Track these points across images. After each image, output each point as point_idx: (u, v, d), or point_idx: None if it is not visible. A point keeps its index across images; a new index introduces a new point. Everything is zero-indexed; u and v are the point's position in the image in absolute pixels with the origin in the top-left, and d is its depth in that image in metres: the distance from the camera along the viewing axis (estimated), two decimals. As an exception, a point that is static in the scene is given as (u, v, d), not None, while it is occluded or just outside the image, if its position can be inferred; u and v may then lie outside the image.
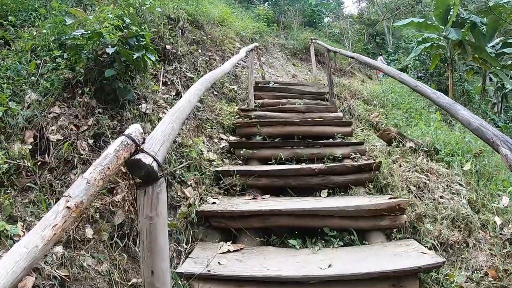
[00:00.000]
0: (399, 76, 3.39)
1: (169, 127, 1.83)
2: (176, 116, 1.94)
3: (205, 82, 2.85)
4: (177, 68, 5.68)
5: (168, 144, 1.71)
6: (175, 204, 3.29)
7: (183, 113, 2.03)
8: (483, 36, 12.04)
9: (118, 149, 1.42)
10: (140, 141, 1.54)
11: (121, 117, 3.56)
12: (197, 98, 2.43)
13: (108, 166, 1.30)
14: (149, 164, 1.47)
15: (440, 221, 3.62)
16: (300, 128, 5.18)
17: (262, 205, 3.18)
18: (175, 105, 2.15)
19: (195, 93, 2.43)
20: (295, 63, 13.34)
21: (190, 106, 2.20)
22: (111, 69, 3.48)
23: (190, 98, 2.26)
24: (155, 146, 1.60)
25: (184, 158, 3.76)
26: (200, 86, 2.68)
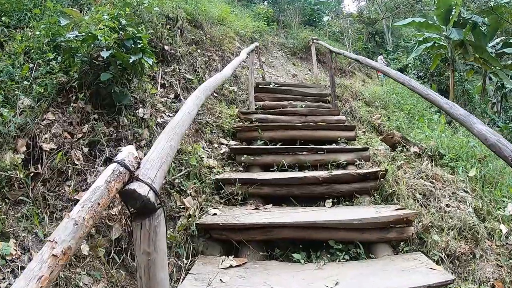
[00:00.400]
0: (408, 83, 3.26)
1: (166, 146, 1.68)
2: (174, 132, 1.80)
3: (205, 90, 2.70)
4: (176, 69, 5.54)
5: (165, 168, 1.56)
6: (174, 215, 3.17)
7: (182, 127, 1.89)
8: (484, 36, 11.93)
9: (110, 180, 1.26)
10: (134, 166, 1.39)
11: (118, 123, 3.43)
12: (197, 108, 2.30)
13: (98, 202, 1.15)
14: (145, 196, 1.32)
15: (447, 231, 3.54)
16: (302, 133, 5.05)
17: (265, 217, 3.06)
18: (172, 119, 2.00)
19: (194, 103, 2.29)
20: (295, 62, 13.21)
21: (190, 119, 2.06)
22: (107, 72, 3.34)
23: (189, 110, 2.12)
24: (151, 171, 1.44)
25: (183, 166, 3.63)
26: (199, 95, 2.53)
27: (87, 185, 2.85)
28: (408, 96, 9.54)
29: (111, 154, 3.13)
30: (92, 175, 2.92)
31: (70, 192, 2.69)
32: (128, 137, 3.38)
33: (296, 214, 3.21)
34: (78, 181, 2.85)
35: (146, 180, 1.34)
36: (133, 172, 1.36)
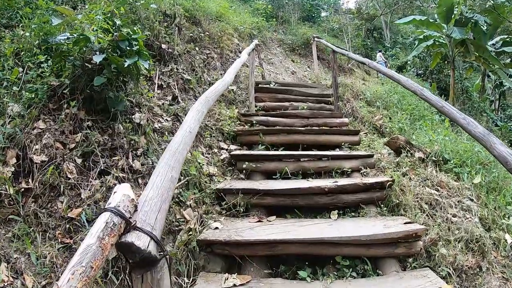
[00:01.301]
0: (421, 92, 3.11)
1: (166, 179, 1.48)
2: (175, 159, 1.62)
3: (206, 102, 2.53)
4: (173, 69, 5.36)
5: (166, 206, 1.38)
6: (173, 229, 3.02)
7: (183, 151, 1.72)
8: (484, 34, 11.83)
9: (103, 236, 1.07)
10: (131, 211, 1.21)
11: (113, 131, 3.26)
12: (199, 123, 2.13)
13: (91, 265, 0.97)
14: (145, 249, 1.14)
15: (454, 243, 3.44)
16: (305, 137, 4.91)
17: (269, 232, 2.91)
18: (171, 142, 1.82)
19: (195, 119, 2.11)
20: (294, 59, 13.03)
21: (191, 138, 1.89)
22: (100, 76, 3.16)
23: (191, 128, 1.95)
24: (151, 215, 1.25)
25: (182, 175, 3.47)
26: (200, 108, 2.36)
27: (81, 201, 2.69)
28: (410, 95, 9.40)
29: (106, 165, 2.97)
30: (86, 189, 2.76)
31: (63, 209, 2.53)
32: (123, 145, 3.22)
33: (301, 227, 3.06)
34: (71, 197, 2.69)
35: (145, 228, 1.16)
36: (130, 220, 1.18)
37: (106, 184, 2.84)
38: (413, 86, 3.31)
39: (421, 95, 3.09)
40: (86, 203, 2.70)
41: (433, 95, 3.01)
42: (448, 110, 2.69)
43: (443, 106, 2.76)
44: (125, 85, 3.71)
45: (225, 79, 3.31)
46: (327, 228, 3.04)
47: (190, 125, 2.01)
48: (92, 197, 2.74)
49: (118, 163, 3.07)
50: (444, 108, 2.74)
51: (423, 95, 3.08)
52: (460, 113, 2.64)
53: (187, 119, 2.11)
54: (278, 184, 3.66)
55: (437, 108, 2.86)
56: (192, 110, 2.27)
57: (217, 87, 2.96)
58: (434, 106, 2.95)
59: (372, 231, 2.91)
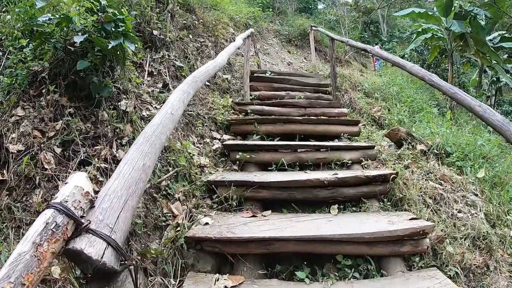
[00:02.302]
0: (429, 78, 2.86)
1: (137, 168, 1.20)
2: (150, 143, 1.34)
3: (194, 82, 2.25)
4: (165, 56, 5.08)
5: (134, 202, 1.09)
6: (160, 225, 2.77)
7: (162, 135, 1.44)
8: (482, 29, 11.60)
9: (40, 241, 0.79)
10: (84, 208, 0.95)
11: (96, 118, 2.99)
12: (184, 106, 1.86)
13: (23, 281, 0.71)
14: (98, 258, 0.88)
15: (460, 240, 3.25)
16: (302, 127, 4.66)
17: (264, 228, 2.67)
18: (148, 125, 1.56)
19: (180, 100, 1.85)
20: (290, 50, 12.75)
21: (173, 121, 1.63)
22: (84, 60, 2.90)
23: (173, 109, 1.69)
24: (111, 213, 0.98)
25: (170, 166, 3.21)
26: (186, 88, 2.09)
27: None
28: (408, 88, 9.21)
29: (87, 155, 2.71)
30: (64, 181, 2.49)
31: (38, 203, 2.26)
32: (107, 134, 2.95)
33: (298, 223, 2.83)
34: (48, 189, 2.43)
35: (101, 230, 0.90)
36: (81, 220, 0.90)
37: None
38: (420, 72, 3.06)
39: (430, 81, 2.84)
40: None
41: (442, 81, 2.76)
42: (461, 96, 2.44)
43: (455, 93, 2.51)
44: (113, 70, 3.45)
45: (216, 61, 3.03)
46: (327, 224, 2.81)
47: (172, 106, 1.74)
48: (71, 189, 2.48)
49: (100, 153, 2.81)
50: (457, 94, 2.49)
51: (432, 81, 2.82)
52: (475, 100, 2.40)
53: (170, 99, 1.84)
54: (274, 176, 3.41)
55: (449, 95, 2.61)
56: (177, 91, 2.00)
57: (207, 67, 2.68)
58: (445, 93, 2.70)
59: (376, 227, 2.68)
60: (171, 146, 3.36)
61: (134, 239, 2.55)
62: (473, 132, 5.89)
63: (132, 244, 2.51)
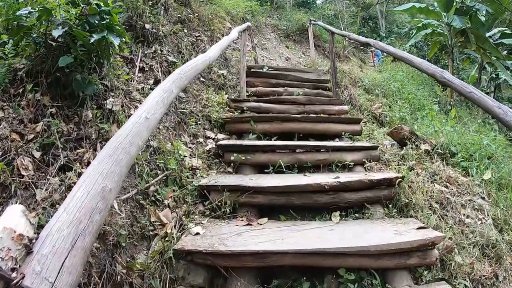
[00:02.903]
0: (440, 75, 2.63)
1: (92, 194, 0.94)
2: (115, 158, 1.08)
3: (179, 79, 1.99)
4: (157, 51, 4.83)
5: (88, 242, 0.81)
6: (147, 234, 2.54)
7: (132, 145, 1.18)
8: (482, 25, 11.40)
9: None
10: (17, 257, 0.70)
11: (80, 118, 2.75)
12: (164, 107, 1.61)
13: None
14: None
15: (469, 248, 3.05)
16: (301, 125, 4.43)
17: (259, 240, 2.45)
18: (116, 134, 1.30)
19: (160, 99, 1.60)
20: (288, 45, 12.49)
21: (149, 126, 1.39)
22: (67, 56, 2.66)
23: (149, 112, 1.44)
24: (52, 261, 0.74)
25: (160, 169, 2.98)
26: (169, 86, 1.83)
27: (36, 203, 2.20)
28: (409, 84, 8.99)
29: (68, 159, 2.47)
30: (43, 189, 2.26)
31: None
32: (91, 135, 2.72)
33: (297, 233, 2.61)
34: (25, 198, 2.19)
35: (37, 287, 0.66)
36: (11, 275, 0.66)
37: (65, 182, 2.34)
38: (430, 68, 2.82)
39: (442, 78, 2.60)
40: (41, 206, 2.20)
41: (456, 79, 2.52)
42: (478, 96, 2.21)
43: (471, 92, 2.28)
44: (100, 66, 3.21)
45: (207, 55, 2.76)
46: (329, 234, 2.59)
47: (148, 109, 1.50)
48: (49, 199, 2.25)
49: (83, 157, 2.58)
50: (473, 94, 2.25)
51: (444, 78, 2.58)
52: (494, 100, 2.17)
53: (147, 100, 1.59)
54: (270, 180, 3.18)
55: (464, 93, 2.38)
56: (157, 89, 1.75)
57: (196, 61, 2.41)
58: (458, 92, 2.46)
59: (382, 239, 2.46)
60: (161, 147, 3.12)
61: (119, 252, 2.33)
62: (478, 130, 5.68)
63: (116, 257, 2.29)
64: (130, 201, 2.60)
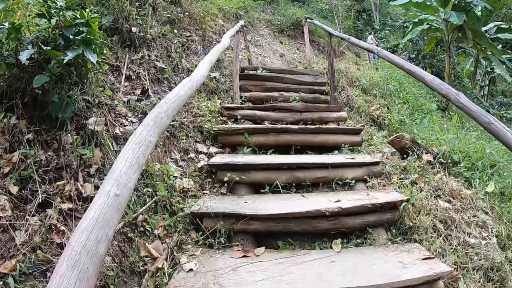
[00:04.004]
0: (455, 98, 2.40)
1: None
2: (78, 270, 0.83)
3: (159, 121, 1.70)
4: (145, 56, 4.58)
5: None
6: (137, 271, 2.34)
7: (99, 244, 0.90)
8: (478, 20, 11.24)
9: None
10: None
11: (59, 144, 2.52)
12: (138, 168, 1.33)
13: None
14: None
15: (472, 272, 2.91)
16: (298, 137, 4.22)
17: (257, 277, 2.26)
18: (73, 235, 1.01)
19: (132, 162, 1.25)
20: (283, 41, 12.23)
21: (119, 205, 1.09)
22: (43, 74, 2.42)
23: (119, 186, 1.10)
24: None
25: (148, 196, 2.76)
26: (145, 136, 1.50)
27: (16, 248, 1.98)
28: (407, 82, 8.81)
29: (47, 194, 2.25)
30: (22, 231, 2.04)
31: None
32: (72, 163, 2.49)
33: (296, 266, 2.42)
34: (4, 242, 1.97)
35: None
36: None
37: (45, 222, 2.12)
38: (443, 88, 2.57)
39: (457, 102, 2.37)
40: (22, 251, 1.98)
41: (473, 104, 2.30)
42: (498, 129, 1.97)
43: (490, 123, 2.05)
44: (82, 80, 2.96)
45: (193, 78, 2.47)
46: (331, 269, 2.41)
47: (117, 179, 1.20)
48: (29, 242, 2.03)
49: (64, 189, 2.35)
50: (493, 126, 2.02)
51: (460, 103, 2.34)
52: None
53: (116, 164, 1.30)
54: (267, 203, 2.98)
55: (481, 123, 2.15)
56: (130, 144, 1.42)
57: (179, 92, 2.11)
58: (476, 120, 2.24)
59: (388, 275, 2.30)
60: (148, 169, 2.91)
61: None
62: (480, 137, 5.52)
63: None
64: (117, 235, 2.39)
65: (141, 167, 1.33)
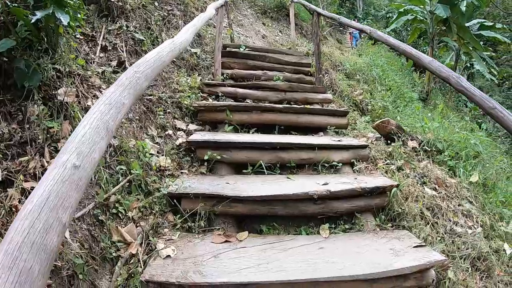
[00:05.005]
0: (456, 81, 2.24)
1: None
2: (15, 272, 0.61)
3: (135, 82, 1.38)
4: (123, 27, 4.23)
5: None
6: (109, 257, 2.11)
7: (47, 235, 0.66)
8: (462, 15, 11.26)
9: None
10: None
11: (24, 115, 2.22)
12: (108, 135, 1.06)
13: None
14: None
15: (460, 261, 2.86)
16: (283, 117, 4.02)
17: (240, 265, 2.08)
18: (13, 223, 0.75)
19: (99, 125, 1.01)
20: (265, 22, 11.91)
21: (79, 181, 0.85)
22: (9, 38, 2.12)
23: (78, 156, 0.83)
24: None
25: (122, 174, 2.51)
26: (117, 97, 1.26)
27: None
28: (390, 70, 8.74)
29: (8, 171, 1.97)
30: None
31: None
32: (37, 137, 2.20)
33: (283, 253, 2.25)
34: None
35: None
36: None
37: (5, 204, 1.84)
38: (443, 70, 2.43)
39: (457, 85, 2.22)
40: None
41: (476, 89, 2.15)
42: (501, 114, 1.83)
43: (494, 108, 1.91)
44: (54, 47, 2.65)
45: (176, 41, 2.20)
46: (319, 255, 2.25)
47: (78, 147, 0.98)
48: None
49: (27, 166, 2.07)
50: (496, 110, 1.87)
51: (462, 86, 2.18)
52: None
53: (77, 130, 1.04)
54: (251, 185, 2.78)
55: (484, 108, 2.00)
56: (97, 105, 1.16)
57: (160, 52, 1.84)
58: (479, 105, 2.09)
59: (381, 264, 2.17)
60: (123, 146, 2.64)
61: (76, 284, 1.88)
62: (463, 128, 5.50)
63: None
64: (86, 217, 2.14)
65: (110, 133, 1.09)
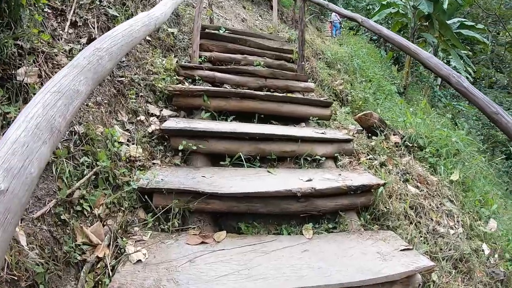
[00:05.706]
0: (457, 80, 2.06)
1: None
2: None
3: (97, 62, 1.13)
4: (96, 1, 3.84)
5: None
6: (74, 262, 1.84)
7: None
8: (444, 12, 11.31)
9: None
10: None
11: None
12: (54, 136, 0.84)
13: None
14: None
15: (442, 262, 2.82)
16: (263, 105, 3.79)
17: (219, 270, 1.87)
18: None
19: (40, 122, 0.78)
20: (246, 6, 11.55)
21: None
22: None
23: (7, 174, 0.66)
24: None
25: (87, 167, 2.22)
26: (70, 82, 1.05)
27: None
28: (370, 62, 8.65)
29: None
30: None
31: None
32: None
33: (265, 256, 2.06)
34: None
35: None
36: None
37: None
38: (443, 68, 2.25)
39: (458, 85, 2.05)
40: None
41: (479, 92, 1.99)
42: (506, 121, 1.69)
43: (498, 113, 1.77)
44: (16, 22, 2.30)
45: (151, 14, 1.92)
46: (303, 259, 2.08)
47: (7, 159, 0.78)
48: None
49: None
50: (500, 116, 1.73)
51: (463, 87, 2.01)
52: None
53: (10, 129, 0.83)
54: (229, 180, 2.56)
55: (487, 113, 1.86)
56: (40, 94, 0.92)
57: (130, 25, 1.54)
58: (481, 109, 1.94)
59: (370, 270, 2.02)
60: (89, 133, 2.35)
61: None
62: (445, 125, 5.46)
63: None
64: (47, 217, 1.86)
65: (57, 134, 0.84)
